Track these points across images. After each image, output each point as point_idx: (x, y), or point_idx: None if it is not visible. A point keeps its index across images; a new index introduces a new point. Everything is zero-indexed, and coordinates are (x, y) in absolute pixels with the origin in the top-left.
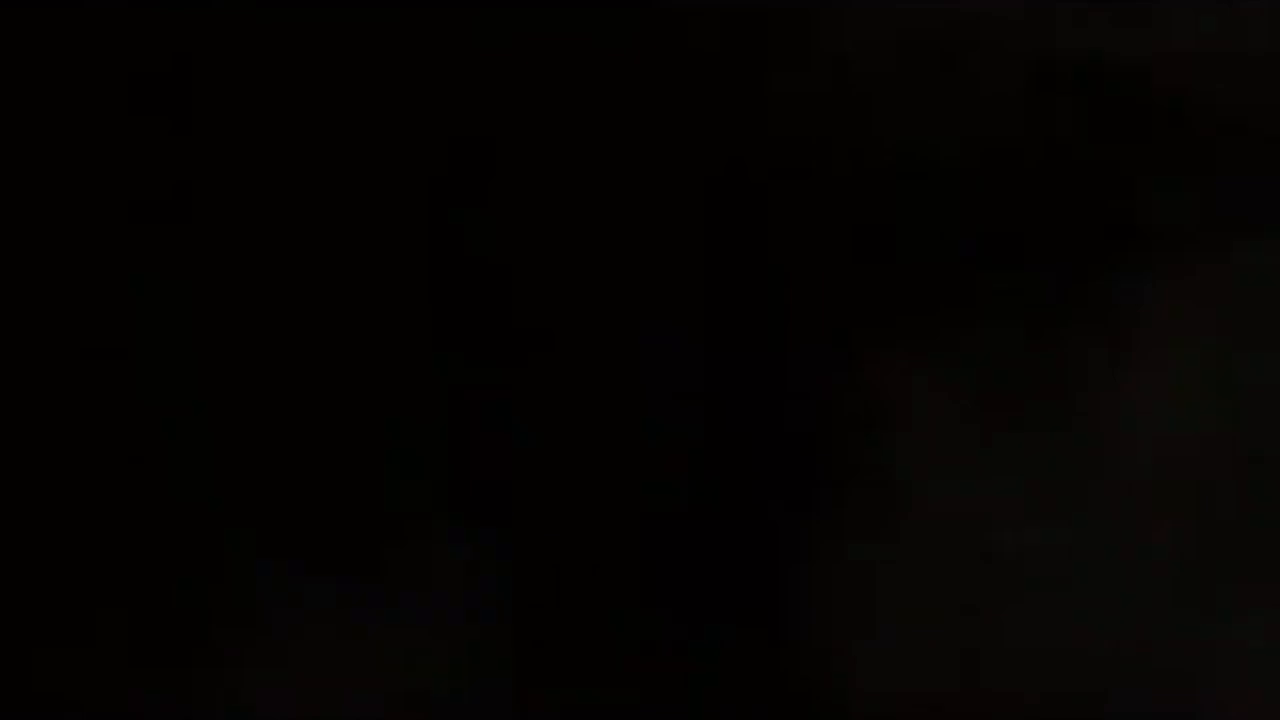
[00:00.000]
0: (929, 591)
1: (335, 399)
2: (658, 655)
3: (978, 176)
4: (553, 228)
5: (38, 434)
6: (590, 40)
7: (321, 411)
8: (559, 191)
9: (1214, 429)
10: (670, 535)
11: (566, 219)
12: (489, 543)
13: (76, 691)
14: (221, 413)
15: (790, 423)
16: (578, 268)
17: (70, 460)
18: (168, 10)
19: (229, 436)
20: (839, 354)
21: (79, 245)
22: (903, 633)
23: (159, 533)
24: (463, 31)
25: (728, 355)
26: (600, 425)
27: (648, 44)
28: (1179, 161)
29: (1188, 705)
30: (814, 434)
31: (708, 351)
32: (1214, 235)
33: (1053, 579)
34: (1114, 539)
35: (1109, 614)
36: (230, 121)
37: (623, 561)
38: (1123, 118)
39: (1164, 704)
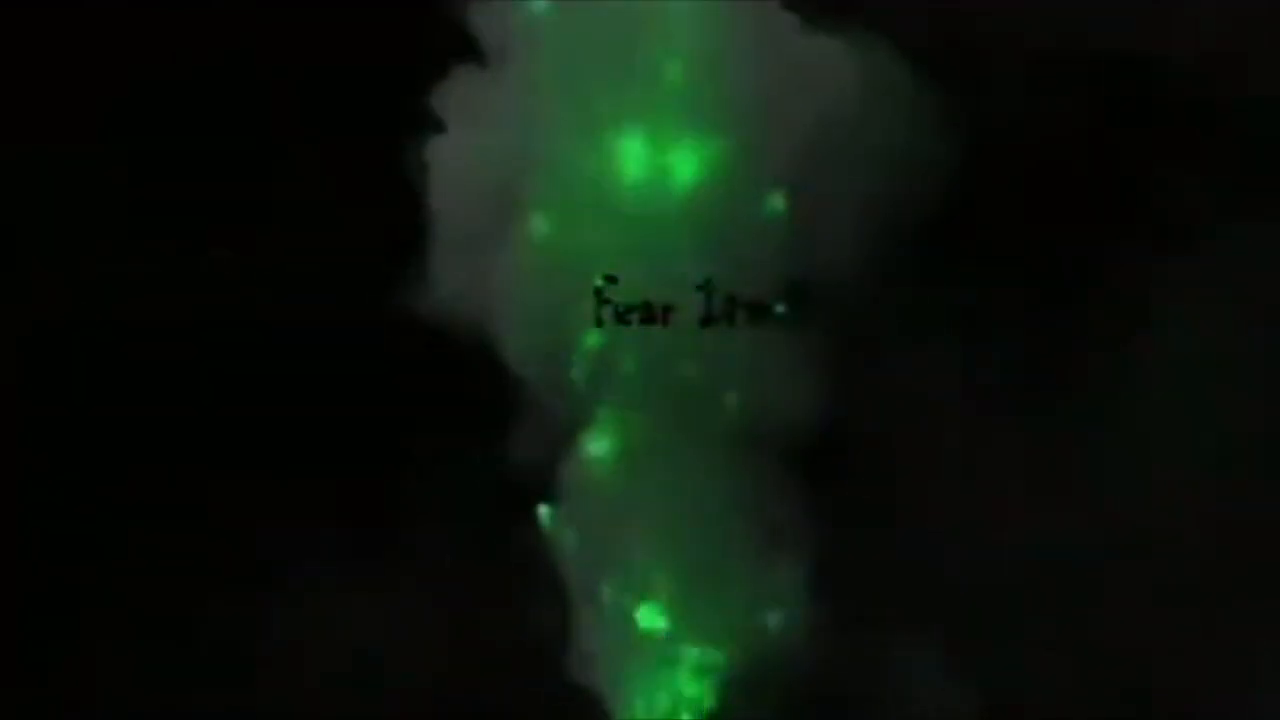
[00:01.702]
0: (934, 587)
1: None
2: None
3: (986, 169)
4: None
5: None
6: None
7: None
8: None
9: (1221, 412)
10: None
11: None
12: None
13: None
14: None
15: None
16: None
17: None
18: None
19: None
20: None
21: None
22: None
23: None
24: None
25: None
26: None
27: None
28: (1183, 154)
29: (1195, 703)
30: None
31: None
32: (1218, 224)
33: (1057, 574)
34: (1127, 532)
35: (1115, 610)
36: None
37: None
38: (1126, 112)
39: (1171, 702)
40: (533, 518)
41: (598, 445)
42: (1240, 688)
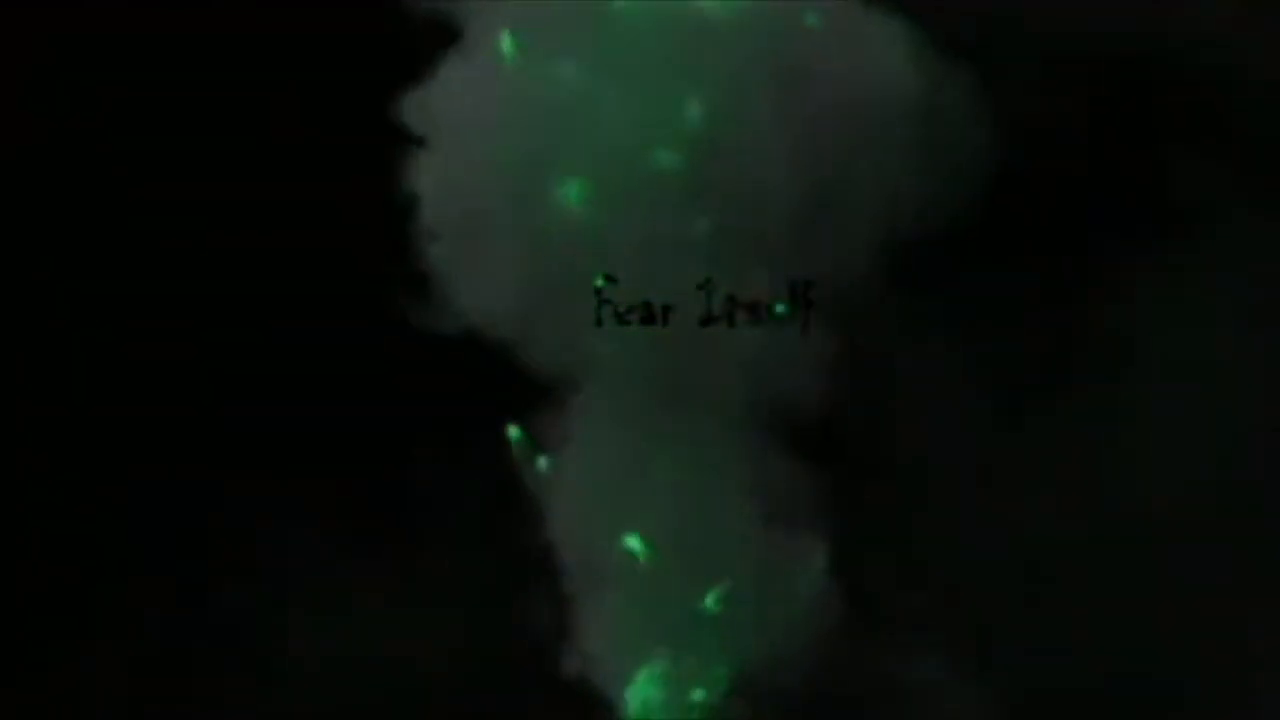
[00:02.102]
0: (935, 586)
1: None
2: None
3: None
4: None
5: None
6: None
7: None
8: None
9: (1222, 411)
10: None
11: None
12: None
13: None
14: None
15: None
16: None
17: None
18: None
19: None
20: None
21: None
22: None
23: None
24: None
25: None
26: None
27: None
28: (1183, 153)
29: (1198, 702)
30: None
31: None
32: (1219, 224)
33: (1059, 573)
34: (1126, 531)
35: (1115, 609)
36: None
37: None
38: (1128, 111)
39: (1171, 701)
40: (533, 518)
41: (594, 398)
42: (1240, 687)
